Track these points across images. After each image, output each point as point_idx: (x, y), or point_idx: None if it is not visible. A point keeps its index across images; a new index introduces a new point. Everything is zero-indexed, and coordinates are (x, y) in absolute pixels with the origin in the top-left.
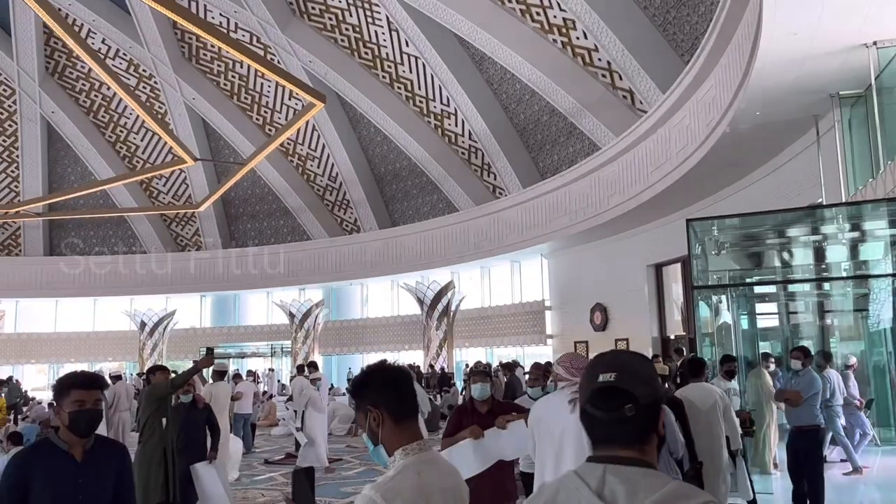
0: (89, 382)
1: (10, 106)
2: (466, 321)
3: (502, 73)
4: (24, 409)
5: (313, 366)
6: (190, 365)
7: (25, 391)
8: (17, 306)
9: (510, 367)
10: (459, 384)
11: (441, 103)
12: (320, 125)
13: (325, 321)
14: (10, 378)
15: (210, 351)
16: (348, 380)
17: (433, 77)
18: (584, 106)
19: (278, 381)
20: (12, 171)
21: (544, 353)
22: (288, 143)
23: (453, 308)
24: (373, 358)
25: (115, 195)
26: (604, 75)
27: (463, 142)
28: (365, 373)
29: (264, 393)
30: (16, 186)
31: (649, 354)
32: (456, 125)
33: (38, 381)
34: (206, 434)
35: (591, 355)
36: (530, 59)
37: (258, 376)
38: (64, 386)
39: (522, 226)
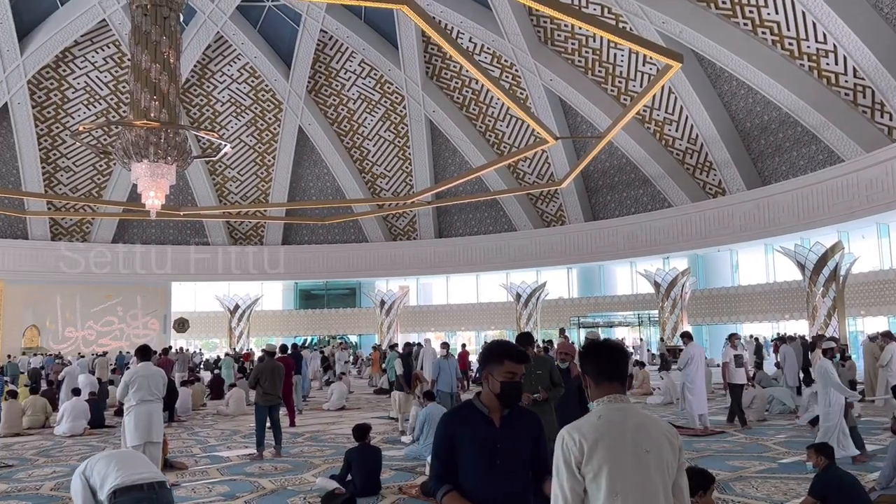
0: (520, 357)
1: (401, 111)
2: (860, 286)
3: None
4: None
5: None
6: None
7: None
8: (418, 282)
9: None
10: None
11: (816, 41)
12: (677, 87)
13: (692, 290)
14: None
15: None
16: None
17: (804, 14)
18: None
19: (647, 349)
20: (406, 167)
21: None
22: (644, 111)
23: (843, 272)
24: (749, 329)
25: (488, 180)
26: None
27: (846, 81)
28: (584, 348)
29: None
30: (410, 180)
31: None
32: (836, 63)
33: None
34: (577, 400)
35: None
36: None
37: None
38: (499, 354)
39: None
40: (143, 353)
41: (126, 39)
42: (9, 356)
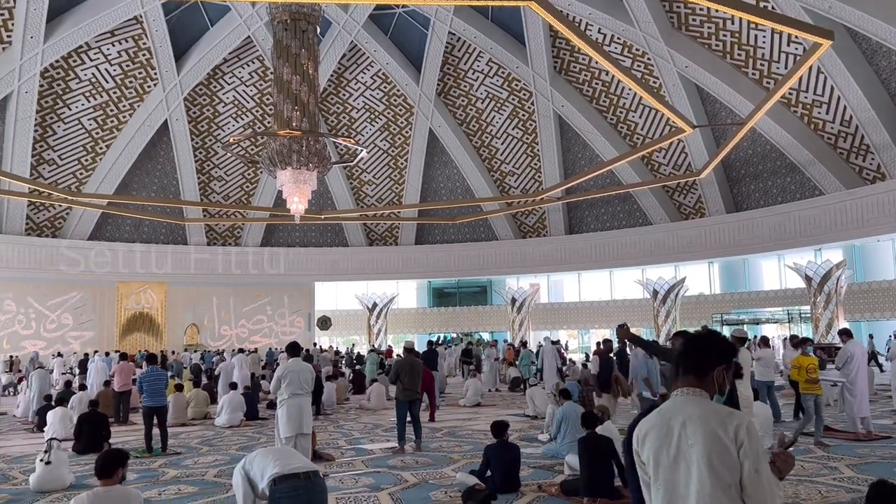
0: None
1: (529, 107)
2: None
3: None
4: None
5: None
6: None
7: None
8: (549, 280)
9: None
10: None
11: None
12: (826, 66)
13: (848, 283)
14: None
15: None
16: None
17: None
18: None
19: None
20: (535, 164)
21: None
22: (790, 94)
23: None
24: None
25: (620, 173)
26: None
27: None
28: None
29: None
30: (538, 177)
31: None
32: None
33: (571, 344)
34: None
35: None
36: None
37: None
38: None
39: None
40: (293, 349)
41: (269, 54)
42: (173, 352)
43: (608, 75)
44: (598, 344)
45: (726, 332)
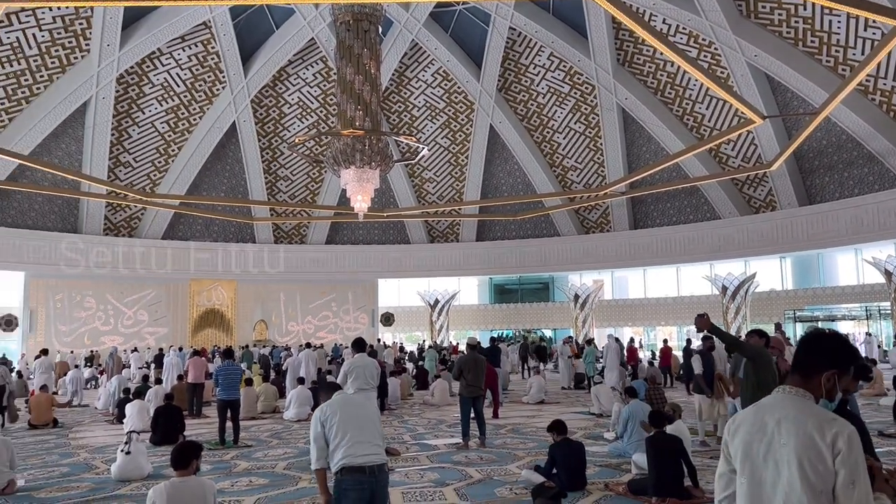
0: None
1: (591, 101)
2: None
3: None
4: None
5: None
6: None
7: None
8: (612, 276)
9: None
10: None
11: None
12: None
13: None
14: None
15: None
16: None
17: None
18: None
19: (878, 346)
20: (598, 158)
21: None
22: (867, 81)
23: None
24: None
25: (686, 166)
26: None
27: None
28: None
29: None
30: (602, 171)
31: None
32: None
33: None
34: None
35: None
36: None
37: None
38: None
39: None
40: (359, 345)
41: (332, 55)
42: (241, 347)
43: (673, 66)
44: (664, 342)
45: (799, 329)
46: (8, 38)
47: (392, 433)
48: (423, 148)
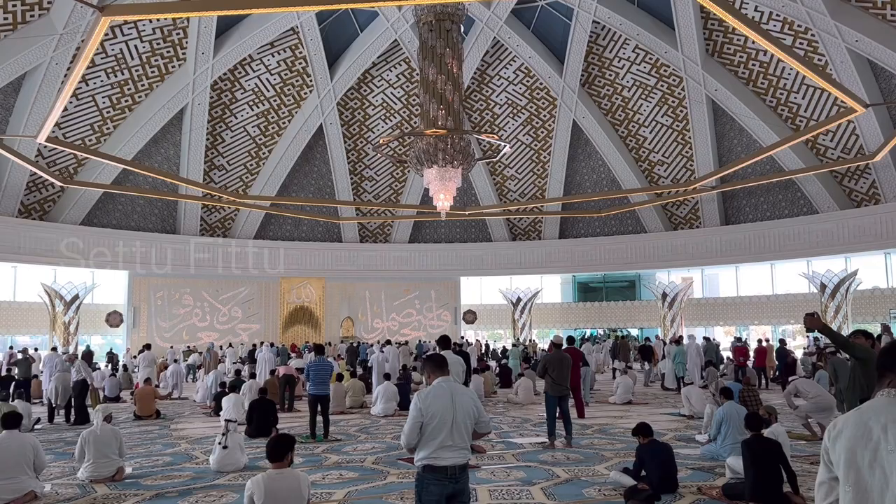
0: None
1: (679, 93)
2: None
3: None
4: None
5: None
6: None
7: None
8: (703, 273)
9: None
10: None
11: None
12: None
13: None
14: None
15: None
16: None
17: None
18: None
19: None
20: (686, 152)
21: None
22: None
23: None
24: None
25: (781, 158)
26: None
27: None
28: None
29: None
30: (691, 165)
31: None
32: None
33: (724, 341)
34: None
35: None
36: None
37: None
38: None
39: None
40: (444, 342)
41: (415, 56)
42: (328, 343)
43: (766, 55)
44: (758, 341)
45: None
46: (112, 49)
47: None
48: (505, 146)
